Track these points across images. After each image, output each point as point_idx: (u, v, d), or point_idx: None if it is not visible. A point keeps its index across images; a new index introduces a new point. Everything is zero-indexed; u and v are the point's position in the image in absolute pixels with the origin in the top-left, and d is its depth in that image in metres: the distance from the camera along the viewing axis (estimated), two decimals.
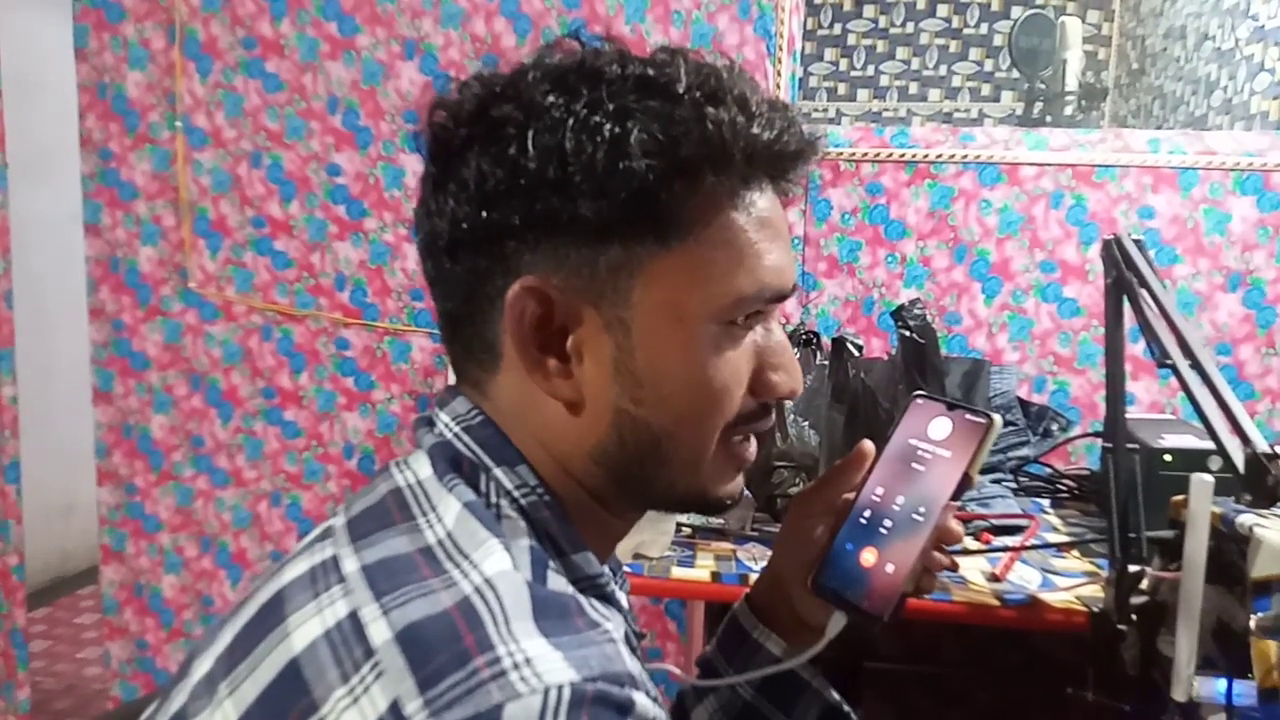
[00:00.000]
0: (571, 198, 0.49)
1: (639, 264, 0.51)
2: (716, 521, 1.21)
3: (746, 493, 1.24)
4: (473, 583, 0.45)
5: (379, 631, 0.43)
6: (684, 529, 1.22)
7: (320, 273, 1.85)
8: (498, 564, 0.46)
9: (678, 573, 1.11)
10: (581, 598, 0.48)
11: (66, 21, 1.87)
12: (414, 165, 1.78)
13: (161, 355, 1.92)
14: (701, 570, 1.11)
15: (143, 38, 1.84)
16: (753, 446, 0.59)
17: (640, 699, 0.43)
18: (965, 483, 0.63)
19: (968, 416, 0.65)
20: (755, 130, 0.51)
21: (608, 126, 0.49)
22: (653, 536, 1.14)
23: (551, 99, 0.50)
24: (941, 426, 0.66)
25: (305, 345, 1.87)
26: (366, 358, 1.85)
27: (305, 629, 0.45)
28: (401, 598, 0.44)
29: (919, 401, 0.69)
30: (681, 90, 0.50)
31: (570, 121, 0.49)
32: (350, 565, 0.47)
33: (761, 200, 0.53)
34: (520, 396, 0.53)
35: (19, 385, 1.96)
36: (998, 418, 0.64)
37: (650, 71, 0.51)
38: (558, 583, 0.48)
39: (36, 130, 2.87)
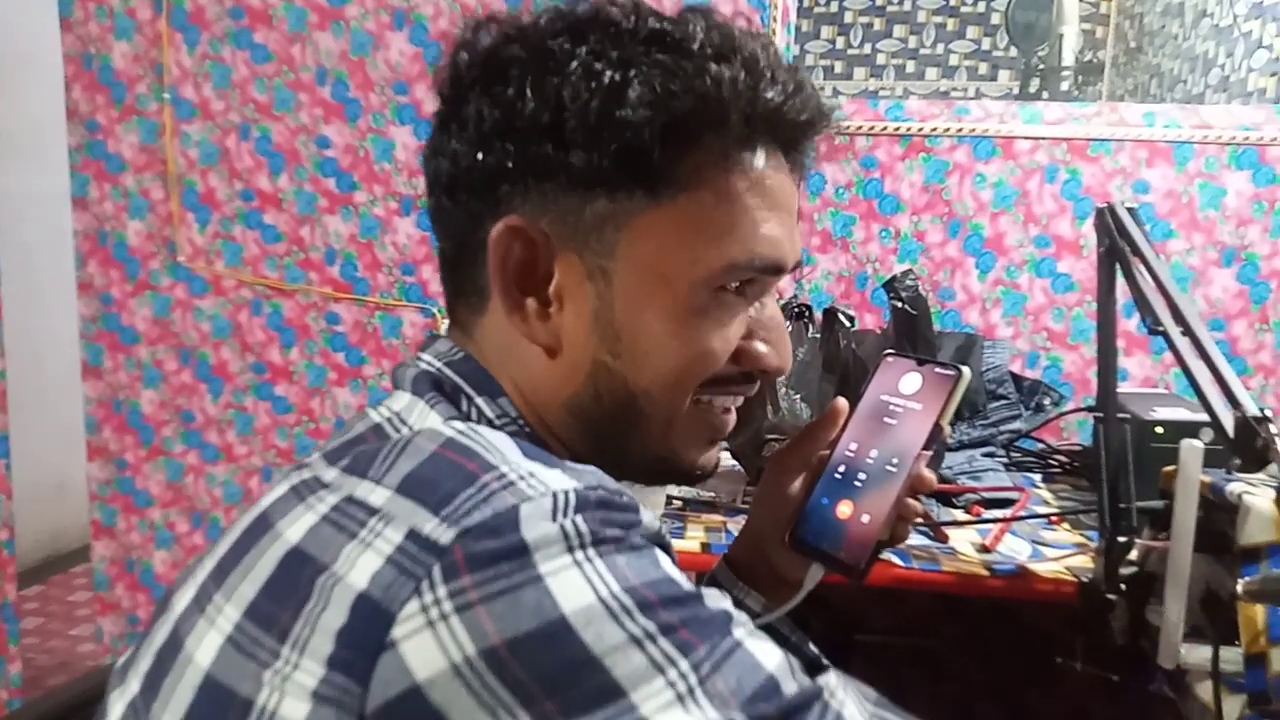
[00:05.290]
0: (563, 144, 0.48)
1: (626, 217, 0.50)
2: (707, 494, 1.21)
3: (738, 466, 1.24)
4: (454, 428, 0.46)
5: (378, 495, 0.43)
6: (674, 501, 1.22)
7: (310, 247, 1.84)
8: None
9: None
10: None
11: None
12: (404, 138, 1.77)
13: (151, 330, 1.91)
14: (692, 541, 1.11)
15: (129, 7, 1.82)
16: (731, 418, 0.58)
17: (643, 509, 0.44)
18: (936, 432, 0.64)
19: (937, 370, 0.66)
20: (759, 92, 0.50)
21: (608, 75, 0.48)
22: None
23: (558, 44, 0.49)
24: (912, 381, 0.67)
25: (295, 320, 1.86)
26: (357, 333, 1.84)
27: (299, 524, 0.44)
28: (387, 464, 0.44)
29: (889, 360, 0.70)
30: (692, 47, 0.49)
31: (573, 66, 0.48)
32: (330, 475, 0.46)
33: (761, 166, 0.52)
34: (503, 339, 0.53)
35: (8, 360, 1.95)
36: (966, 369, 0.65)
37: (663, 26, 0.50)
38: None
39: (24, 106, 2.84)
